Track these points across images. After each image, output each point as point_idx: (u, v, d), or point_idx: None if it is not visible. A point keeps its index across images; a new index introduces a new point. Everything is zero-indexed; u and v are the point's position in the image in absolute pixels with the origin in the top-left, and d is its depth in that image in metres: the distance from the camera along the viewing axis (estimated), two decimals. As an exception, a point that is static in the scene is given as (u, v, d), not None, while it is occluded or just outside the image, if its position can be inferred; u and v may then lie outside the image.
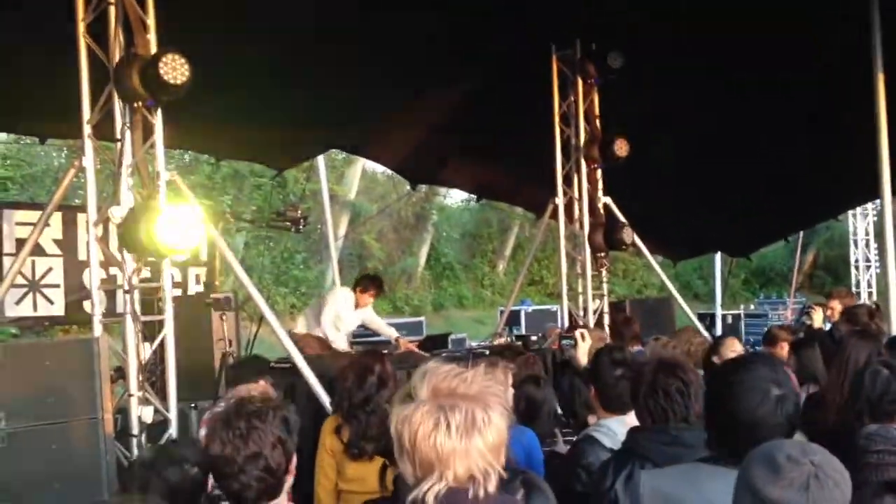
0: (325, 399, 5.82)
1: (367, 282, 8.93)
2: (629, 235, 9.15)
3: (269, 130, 8.75)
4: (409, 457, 2.04)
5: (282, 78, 7.61)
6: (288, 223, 6.12)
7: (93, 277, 5.65)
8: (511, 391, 4.48)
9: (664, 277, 10.27)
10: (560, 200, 9.42)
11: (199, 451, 3.52)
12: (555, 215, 9.53)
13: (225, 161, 15.42)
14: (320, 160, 12.11)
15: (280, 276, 20.28)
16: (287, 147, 9.85)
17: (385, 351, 7.45)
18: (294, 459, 2.65)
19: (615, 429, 3.59)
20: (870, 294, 21.09)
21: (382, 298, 24.08)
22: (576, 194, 9.42)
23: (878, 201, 8.23)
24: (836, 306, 7.18)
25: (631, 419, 3.51)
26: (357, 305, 8.77)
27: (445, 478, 2.00)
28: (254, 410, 2.59)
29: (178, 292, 9.16)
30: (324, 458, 4.52)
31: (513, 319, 13.00)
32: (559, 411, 4.95)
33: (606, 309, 9.72)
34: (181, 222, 5.11)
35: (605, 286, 9.72)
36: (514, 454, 4.33)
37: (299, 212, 6.28)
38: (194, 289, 9.64)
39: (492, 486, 2.03)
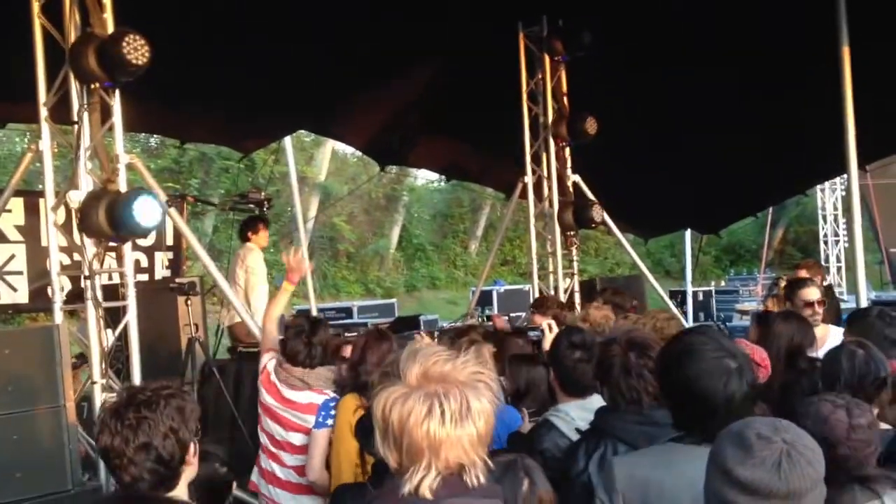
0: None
1: (252, 223, 8.30)
2: (598, 213, 9.13)
3: (233, 112, 8.63)
4: (396, 443, 1.96)
5: (245, 58, 7.49)
6: (251, 205, 6.03)
7: (52, 263, 5.56)
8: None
9: (634, 255, 10.29)
10: (529, 179, 9.37)
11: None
12: (524, 194, 9.49)
13: (191, 144, 15.27)
14: (287, 142, 11.97)
15: (250, 260, 20.10)
16: (252, 129, 9.71)
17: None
18: (192, 449, 2.57)
19: (573, 414, 3.55)
20: (839, 269, 21.33)
21: (355, 281, 24.12)
22: (545, 173, 9.38)
23: (845, 176, 8.25)
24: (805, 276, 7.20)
25: (590, 403, 3.48)
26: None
27: (435, 466, 1.93)
28: (144, 400, 2.51)
29: (145, 277, 9.07)
30: (347, 436, 4.25)
31: (485, 300, 12.98)
32: None
33: (577, 287, 9.72)
34: (140, 206, 5.01)
35: (575, 265, 9.71)
36: (496, 433, 4.32)
37: (262, 194, 6.18)
38: (161, 274, 9.53)
39: (482, 475, 1.97)
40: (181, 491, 2.58)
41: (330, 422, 4.50)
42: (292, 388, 4.69)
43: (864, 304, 7.35)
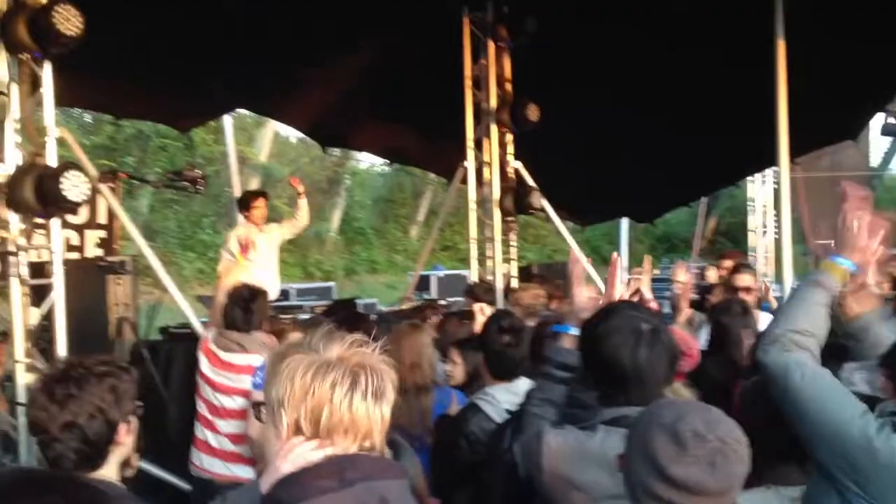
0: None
1: (246, 197, 8.64)
2: (538, 200, 9.19)
3: (169, 88, 8.45)
4: None
5: (182, 33, 7.33)
6: (186, 183, 5.93)
7: (-25, 239, 5.37)
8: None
9: (572, 242, 10.34)
10: (470, 165, 9.37)
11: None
12: (465, 180, 9.49)
13: (127, 121, 14.95)
14: (227, 121, 11.81)
15: (187, 241, 19.82)
16: (189, 106, 9.54)
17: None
18: (124, 429, 2.52)
19: (500, 397, 3.60)
20: (766, 259, 21.74)
21: (294, 264, 23.91)
22: (486, 159, 9.39)
23: (775, 168, 8.43)
24: (730, 266, 7.38)
25: (517, 386, 3.51)
26: (258, 227, 8.48)
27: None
28: (76, 377, 2.48)
29: (77, 256, 8.84)
30: None
31: (424, 284, 12.96)
32: None
33: (515, 273, 9.78)
34: (69, 181, 4.88)
35: (513, 250, 9.76)
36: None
37: (196, 171, 6.08)
38: (93, 252, 9.30)
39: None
40: (110, 470, 2.54)
41: None
42: (229, 351, 4.71)
43: (788, 293, 7.52)
